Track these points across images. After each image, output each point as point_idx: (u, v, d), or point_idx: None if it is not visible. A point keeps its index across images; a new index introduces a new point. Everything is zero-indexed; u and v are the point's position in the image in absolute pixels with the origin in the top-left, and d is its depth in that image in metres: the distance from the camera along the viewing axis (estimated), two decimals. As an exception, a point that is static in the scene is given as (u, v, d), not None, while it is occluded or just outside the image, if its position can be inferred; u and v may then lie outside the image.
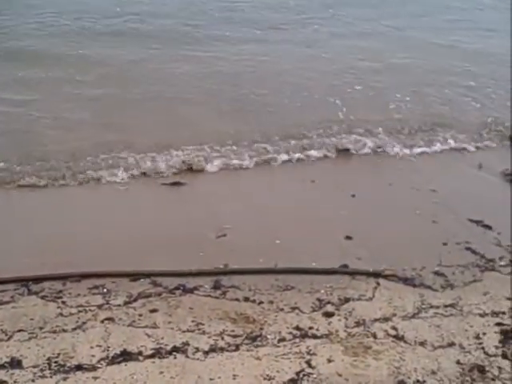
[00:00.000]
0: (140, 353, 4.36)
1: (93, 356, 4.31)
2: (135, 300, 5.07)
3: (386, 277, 5.52)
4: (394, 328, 4.77)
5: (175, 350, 4.41)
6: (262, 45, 12.66)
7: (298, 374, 4.19)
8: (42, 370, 4.15)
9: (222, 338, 4.58)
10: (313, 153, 8.33)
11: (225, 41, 12.75)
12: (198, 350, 4.43)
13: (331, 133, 8.86)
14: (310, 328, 4.75)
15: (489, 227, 6.55)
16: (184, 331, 4.65)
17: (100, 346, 4.42)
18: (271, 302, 5.09)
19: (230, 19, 14.11)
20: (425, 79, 11.26)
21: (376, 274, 5.54)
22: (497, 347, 4.64)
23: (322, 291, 5.28)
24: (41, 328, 4.64)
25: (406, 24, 14.69)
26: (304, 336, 4.65)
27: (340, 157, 8.37)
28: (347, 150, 8.46)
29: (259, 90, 10.23)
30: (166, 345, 4.47)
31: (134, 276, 5.39)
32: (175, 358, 4.34)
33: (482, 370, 4.36)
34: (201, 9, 14.74)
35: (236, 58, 11.74)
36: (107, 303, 5.01)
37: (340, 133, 8.87)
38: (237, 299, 5.13)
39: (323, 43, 13.02)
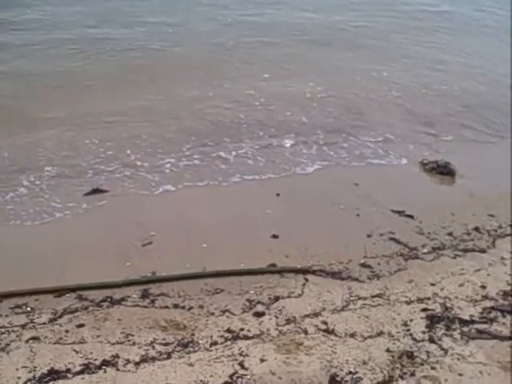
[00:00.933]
0: (68, 370, 4.24)
1: (19, 378, 4.15)
2: (61, 316, 4.92)
3: (314, 272, 5.58)
4: (324, 322, 4.82)
5: (105, 363, 4.31)
6: None
7: (231, 376, 4.17)
8: (-37, 398, 3.98)
9: (153, 347, 4.50)
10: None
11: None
12: (128, 361, 4.35)
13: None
14: (242, 329, 4.74)
15: (410, 216, 6.72)
16: (113, 344, 4.55)
17: (26, 367, 4.26)
18: (201, 307, 5.05)
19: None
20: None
21: (304, 271, 5.59)
22: (424, 332, 4.77)
23: (252, 292, 5.28)
24: (-43, 355, 4.44)
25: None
26: (236, 338, 4.63)
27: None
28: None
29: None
30: (95, 359, 4.36)
31: (59, 292, 5.23)
32: (105, 371, 4.23)
33: (410, 355, 4.46)
34: None
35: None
36: (31, 322, 4.84)
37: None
38: (166, 307, 5.07)
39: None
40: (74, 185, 7.25)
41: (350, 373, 4.22)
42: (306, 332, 4.68)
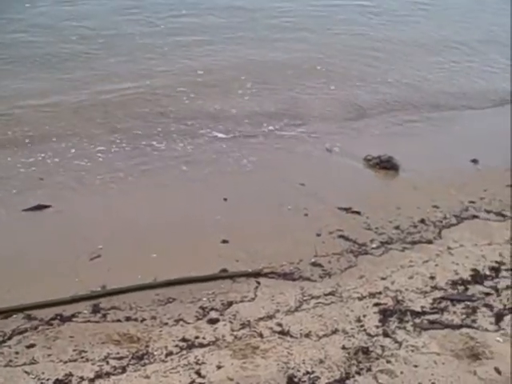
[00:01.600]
0: (18, 393, 4.12)
1: (-33, 406, 4.02)
2: (9, 338, 4.77)
3: (265, 275, 5.59)
4: (279, 324, 4.83)
5: (58, 383, 4.20)
6: None
7: (187, 386, 4.13)
8: None
9: (107, 363, 4.42)
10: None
11: None
12: (82, 379, 4.25)
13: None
14: (197, 337, 4.70)
15: (357, 213, 6.80)
16: (66, 362, 4.44)
17: (-26, 394, 4.13)
18: (154, 318, 4.99)
19: None
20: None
21: (256, 274, 5.59)
22: (377, 327, 4.83)
23: (205, 299, 5.25)
24: None
25: None
26: (191, 346, 4.59)
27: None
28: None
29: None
30: (48, 379, 4.25)
31: (5, 313, 5.08)
32: (57, 392, 4.13)
33: (366, 351, 4.51)
34: None
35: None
36: (-21, 346, 4.69)
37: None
38: (118, 320, 4.98)
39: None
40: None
41: (308, 373, 4.23)
42: (261, 335, 4.68)
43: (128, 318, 4.99)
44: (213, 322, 4.89)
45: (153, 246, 6.09)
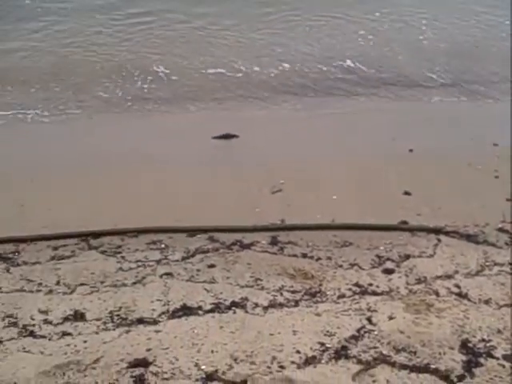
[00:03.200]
0: (200, 307, 4.36)
1: (153, 310, 4.33)
2: (193, 255, 5.07)
3: (447, 233, 5.39)
4: (457, 286, 4.64)
5: (234, 305, 4.39)
6: None
7: (358, 330, 4.12)
8: (104, 323, 4.20)
9: (281, 294, 4.54)
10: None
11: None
12: (257, 305, 4.40)
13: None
14: (370, 285, 4.67)
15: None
16: (242, 286, 4.63)
17: (160, 301, 4.44)
18: (329, 258, 5.03)
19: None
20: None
21: (437, 231, 5.41)
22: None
23: (382, 248, 5.19)
24: (102, 282, 4.70)
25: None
26: (364, 293, 4.57)
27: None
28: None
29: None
30: (225, 300, 4.45)
31: (191, 232, 5.39)
32: (234, 312, 4.32)
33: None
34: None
35: None
36: (165, 258, 5.03)
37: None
38: (294, 255, 5.08)
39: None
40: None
41: (483, 340, 4.04)
42: (437, 294, 4.54)
43: (304, 255, 5.07)
44: (388, 272, 4.83)
45: (334, 187, 6.12)
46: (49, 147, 7.20)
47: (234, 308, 4.36)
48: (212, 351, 3.89)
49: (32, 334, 4.15)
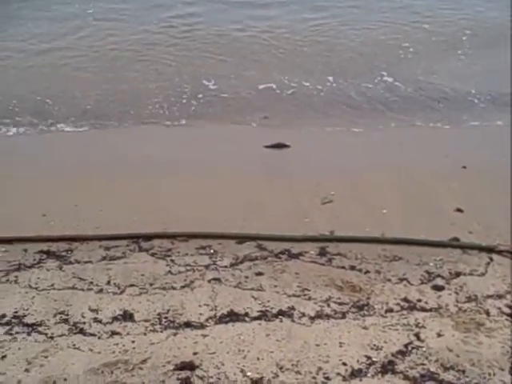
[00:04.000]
0: (246, 314, 4.40)
1: (201, 314, 4.38)
2: (241, 262, 5.11)
3: (499, 252, 5.28)
4: (509, 306, 4.55)
5: (281, 313, 4.41)
6: None
7: (406, 346, 4.09)
8: (152, 325, 4.27)
9: (328, 305, 4.53)
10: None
11: None
12: (303, 315, 4.41)
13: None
14: (419, 300, 4.62)
15: None
16: (290, 296, 4.64)
17: (208, 305, 4.49)
18: (378, 272, 4.99)
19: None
20: None
21: (489, 249, 5.31)
22: None
23: (432, 264, 5.12)
24: (151, 284, 4.77)
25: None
26: (412, 308, 4.53)
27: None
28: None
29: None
30: (272, 308, 4.47)
31: (241, 239, 5.43)
32: (281, 321, 4.34)
33: None
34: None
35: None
36: (214, 264, 5.07)
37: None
38: (343, 267, 5.06)
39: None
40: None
41: (536, 364, 3.97)
42: (487, 313, 4.46)
43: (352, 267, 5.05)
44: (438, 288, 4.77)
45: (384, 201, 6.07)
46: (104, 152, 7.36)
47: (280, 316, 4.38)
48: (258, 358, 3.92)
49: (82, 331, 4.25)
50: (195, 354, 3.95)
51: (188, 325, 4.26)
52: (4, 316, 4.41)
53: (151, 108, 8.75)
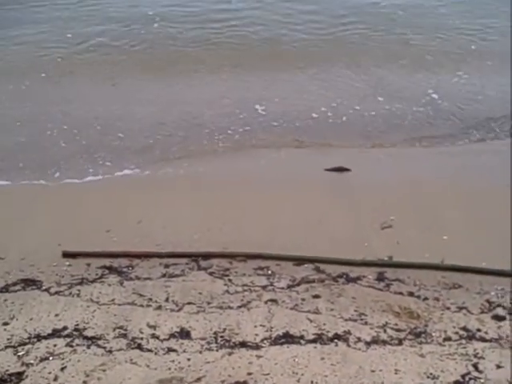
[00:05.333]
0: (302, 337, 4.41)
1: (256, 335, 4.42)
2: (298, 284, 5.12)
3: None
4: None
5: (337, 337, 4.41)
6: None
7: (463, 376, 4.02)
8: (208, 343, 4.34)
9: (385, 331, 4.50)
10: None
11: None
12: (359, 339, 4.40)
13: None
14: (478, 330, 4.53)
15: None
16: (346, 319, 4.63)
17: (263, 326, 4.52)
18: (437, 299, 4.92)
19: None
20: None
21: (553, 281, 5.17)
22: None
23: (493, 293, 5.02)
24: (208, 303, 4.84)
25: None
26: (471, 338, 4.44)
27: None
28: None
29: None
30: (328, 331, 4.47)
31: (298, 261, 5.45)
32: (336, 345, 4.33)
33: None
34: None
35: None
36: (271, 285, 5.11)
37: None
38: (401, 293, 5.01)
39: None
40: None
41: None
42: (549, 346, 4.34)
43: (411, 294, 4.99)
44: (498, 318, 4.67)
45: (445, 227, 5.97)
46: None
47: (336, 340, 4.38)
48: (312, 382, 3.94)
49: (139, 346, 4.35)
50: (249, 374, 3.99)
51: (243, 345, 4.31)
52: (66, 328, 4.56)
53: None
